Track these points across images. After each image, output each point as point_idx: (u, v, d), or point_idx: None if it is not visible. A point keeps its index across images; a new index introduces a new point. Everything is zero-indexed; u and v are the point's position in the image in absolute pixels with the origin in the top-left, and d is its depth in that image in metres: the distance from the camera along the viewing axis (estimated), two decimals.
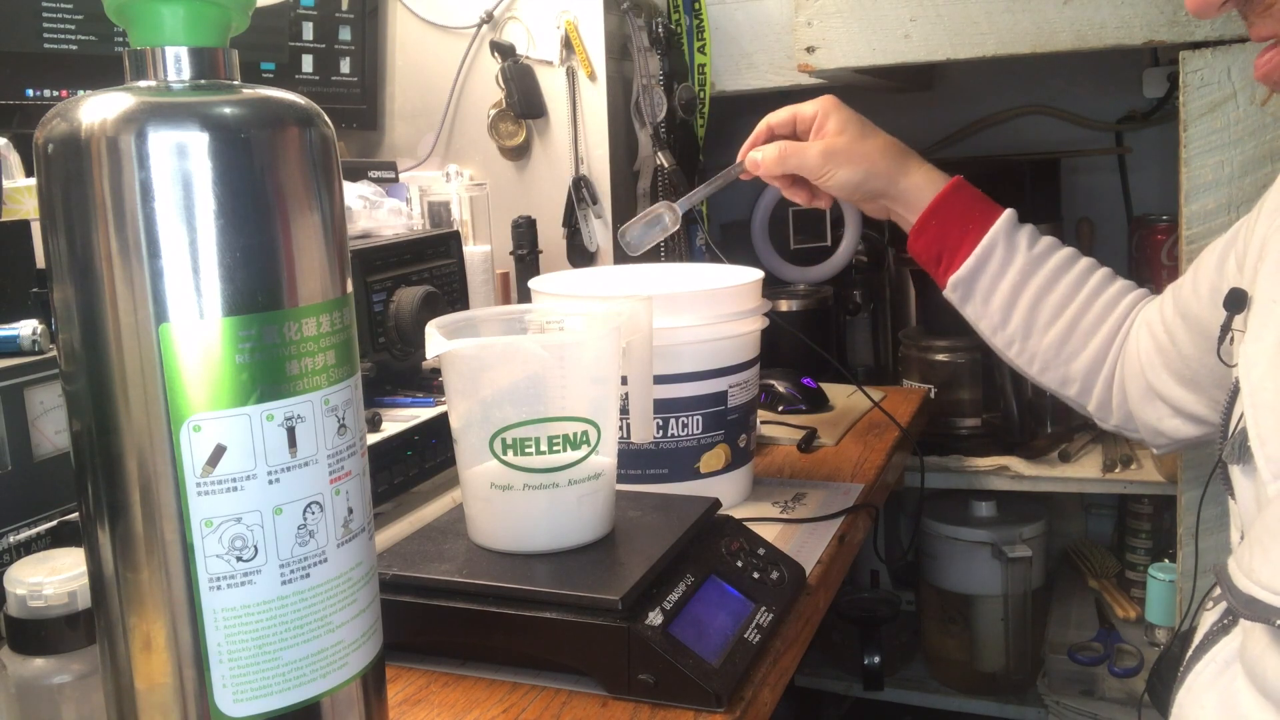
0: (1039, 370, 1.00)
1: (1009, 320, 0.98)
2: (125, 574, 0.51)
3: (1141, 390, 0.95)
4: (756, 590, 0.81)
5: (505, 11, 1.46)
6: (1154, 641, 1.63)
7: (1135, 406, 0.96)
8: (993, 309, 0.98)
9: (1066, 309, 0.97)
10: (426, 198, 1.44)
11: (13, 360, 0.77)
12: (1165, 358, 0.92)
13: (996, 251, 0.97)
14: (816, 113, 0.99)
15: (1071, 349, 0.98)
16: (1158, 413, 0.94)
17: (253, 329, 0.50)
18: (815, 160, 0.98)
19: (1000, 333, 0.99)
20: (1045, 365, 0.99)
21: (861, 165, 0.97)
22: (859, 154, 0.97)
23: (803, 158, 0.98)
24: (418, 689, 0.74)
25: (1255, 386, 0.65)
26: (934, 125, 1.99)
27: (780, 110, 1.01)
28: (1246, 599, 0.56)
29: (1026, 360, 1.00)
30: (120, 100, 0.48)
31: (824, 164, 0.97)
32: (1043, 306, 0.97)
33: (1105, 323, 0.97)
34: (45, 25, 1.10)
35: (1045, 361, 0.99)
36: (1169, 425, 0.93)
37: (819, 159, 0.97)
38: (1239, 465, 0.66)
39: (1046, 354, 0.98)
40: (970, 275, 0.98)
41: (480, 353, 0.79)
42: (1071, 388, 1.00)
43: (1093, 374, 0.98)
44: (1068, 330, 0.97)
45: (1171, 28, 1.23)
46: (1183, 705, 0.64)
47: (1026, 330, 0.98)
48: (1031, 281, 0.97)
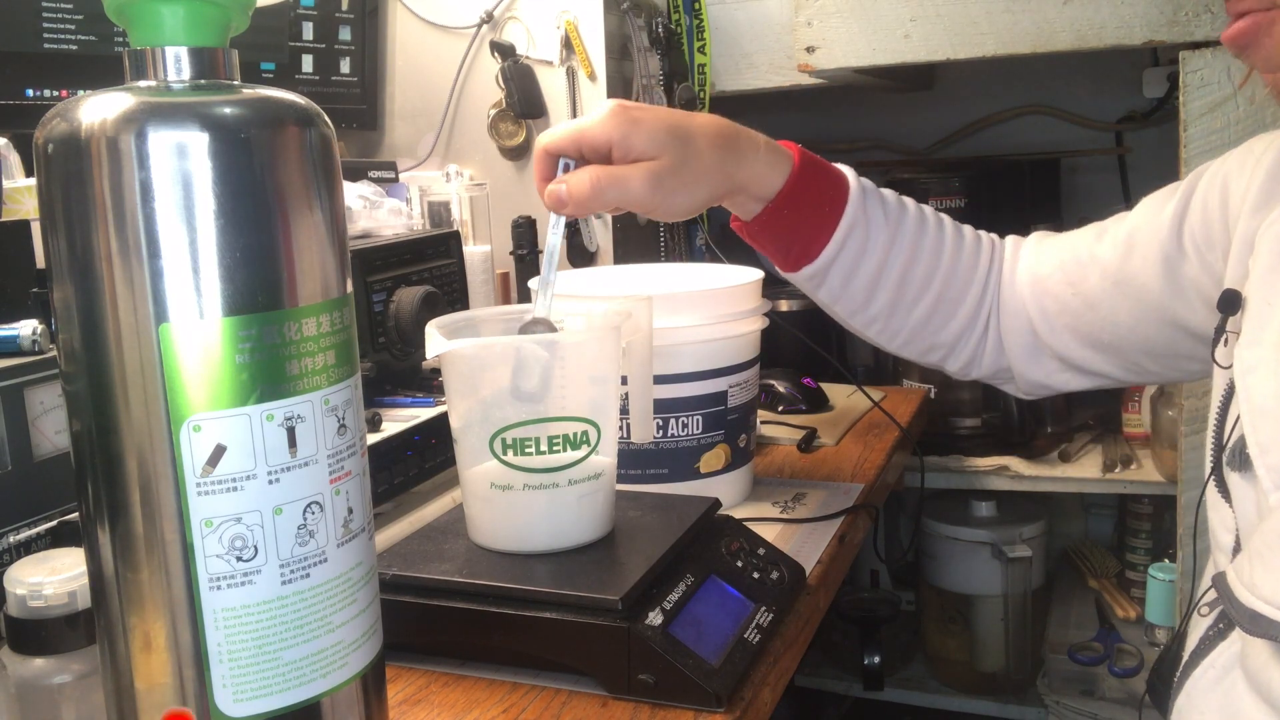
0: (901, 343, 0.92)
1: (872, 301, 0.88)
2: (125, 574, 0.51)
3: (1027, 348, 0.90)
4: (756, 590, 0.81)
5: (505, 11, 1.46)
6: (1154, 641, 1.63)
7: (1017, 361, 0.91)
8: (852, 291, 0.87)
9: (932, 282, 0.89)
10: (426, 198, 1.44)
11: (13, 360, 0.77)
12: (1074, 320, 0.87)
13: (855, 234, 0.85)
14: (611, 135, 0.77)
15: (940, 319, 0.90)
16: (1045, 369, 0.90)
17: (253, 329, 0.50)
18: (642, 191, 0.77)
19: (860, 314, 0.89)
20: (910, 338, 0.91)
21: (699, 183, 0.79)
22: (691, 171, 0.78)
23: (625, 189, 0.77)
24: (418, 689, 0.74)
25: (1253, 392, 0.63)
26: (934, 125, 1.99)
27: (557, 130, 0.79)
28: (1250, 614, 0.55)
29: (889, 336, 0.91)
30: (120, 100, 0.48)
31: (653, 193, 0.77)
32: (908, 282, 0.88)
33: (972, 284, 0.90)
34: (45, 25, 1.10)
35: (911, 334, 0.91)
36: (1058, 379, 0.90)
37: (646, 190, 0.77)
38: (1238, 472, 0.65)
39: (914, 328, 0.90)
40: (827, 264, 0.85)
41: (480, 353, 0.79)
42: (935, 353, 0.93)
43: (960, 338, 0.92)
44: (935, 302, 0.89)
45: (1171, 28, 1.23)
46: (1182, 711, 0.64)
47: (891, 309, 0.89)
48: (895, 258, 0.86)
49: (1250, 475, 0.62)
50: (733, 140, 0.81)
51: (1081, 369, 0.89)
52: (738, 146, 0.81)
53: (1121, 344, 0.86)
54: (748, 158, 0.82)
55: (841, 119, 2.01)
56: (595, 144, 0.77)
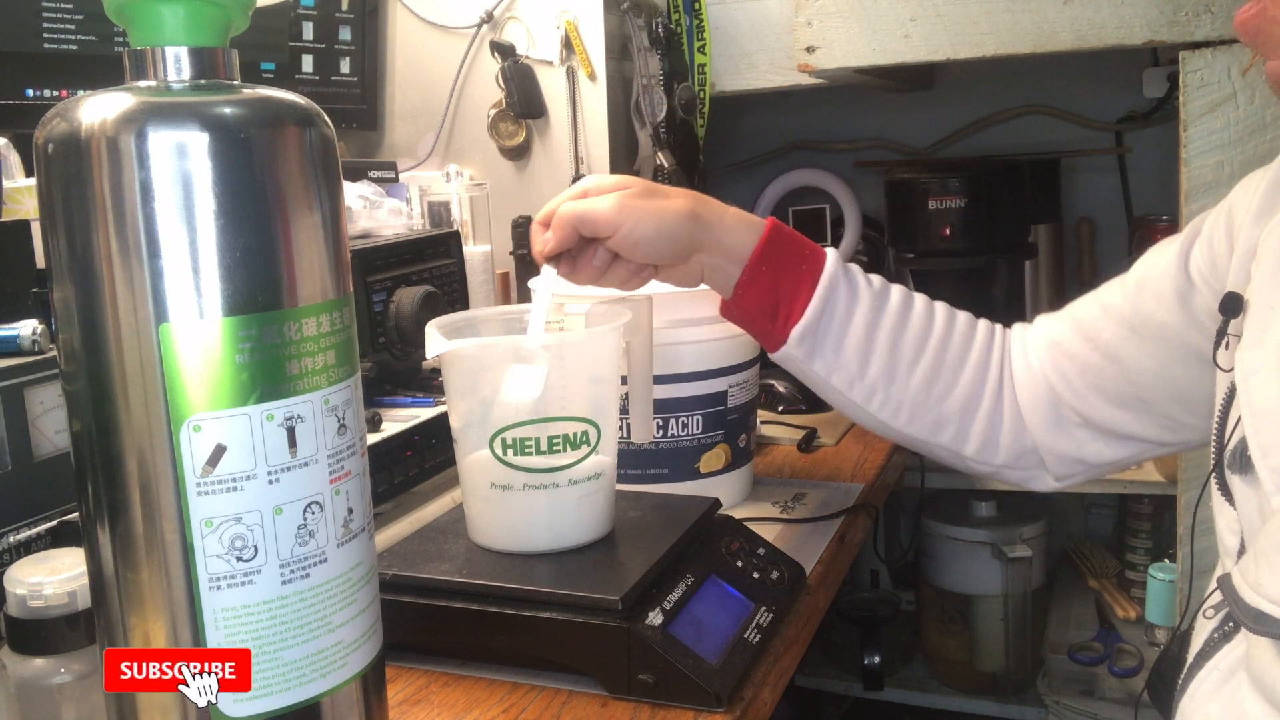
0: (906, 420, 0.88)
1: (867, 366, 0.86)
2: (125, 574, 0.51)
3: (1051, 419, 0.87)
4: (756, 590, 0.81)
5: (505, 11, 1.46)
6: (1154, 641, 1.63)
7: (1042, 439, 0.88)
8: (847, 357, 0.85)
9: (927, 343, 0.87)
10: (426, 198, 1.44)
11: (13, 360, 0.77)
12: (1098, 379, 0.85)
13: (840, 290, 0.85)
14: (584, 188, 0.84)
15: (942, 387, 0.87)
16: (1075, 440, 0.87)
17: (253, 329, 0.50)
18: (609, 211, 0.81)
19: (858, 384, 0.86)
20: (914, 412, 0.87)
21: (666, 213, 0.83)
22: (658, 204, 0.83)
23: (594, 213, 0.82)
24: (418, 689, 0.74)
25: (1255, 394, 0.63)
26: (934, 125, 1.99)
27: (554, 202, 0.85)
28: (1255, 613, 0.55)
29: (892, 410, 0.87)
30: (120, 100, 0.48)
31: (619, 214, 0.81)
32: (902, 345, 0.86)
33: (970, 354, 0.88)
34: (45, 25, 1.10)
35: (914, 407, 0.87)
36: (1091, 450, 0.87)
37: (613, 210, 0.81)
38: (1240, 475, 0.65)
39: (915, 398, 0.87)
40: (816, 320, 0.84)
41: (480, 353, 0.79)
42: (945, 432, 0.88)
43: (969, 411, 0.88)
44: (934, 367, 0.87)
45: (1171, 28, 1.23)
46: (1186, 713, 0.64)
47: (889, 374, 0.86)
48: (883, 320, 0.86)
49: (1252, 478, 0.62)
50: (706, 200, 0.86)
51: (1114, 433, 0.85)
52: (710, 204, 0.86)
53: (1150, 395, 0.83)
54: (723, 215, 0.86)
55: (841, 119, 2.01)
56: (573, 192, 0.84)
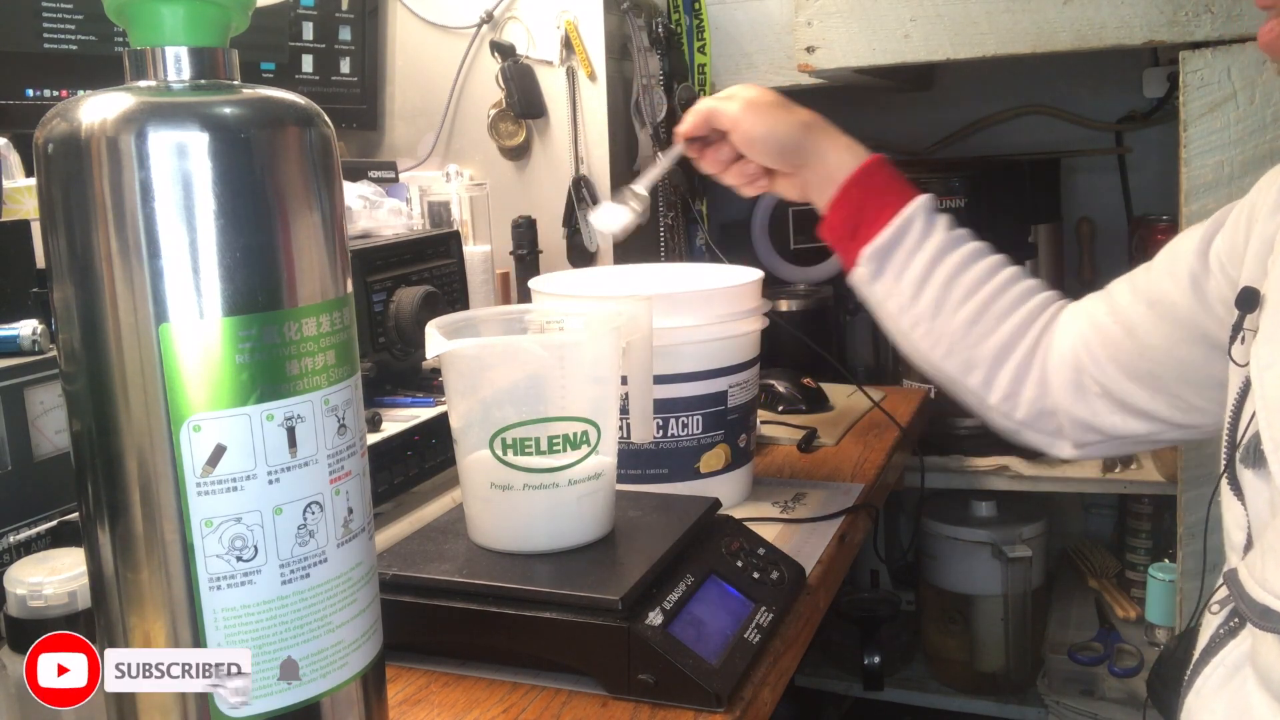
0: (943, 354, 0.95)
1: (920, 297, 0.94)
2: (125, 574, 0.51)
3: (1072, 385, 0.91)
4: (756, 590, 0.81)
5: (505, 11, 1.46)
6: (1154, 641, 1.63)
7: (1061, 402, 0.92)
8: (905, 284, 0.94)
9: (981, 289, 0.93)
10: (426, 198, 1.44)
11: (13, 360, 0.77)
12: (1115, 350, 0.88)
13: (915, 224, 0.94)
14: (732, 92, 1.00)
15: (982, 330, 0.93)
16: (1093, 409, 0.90)
17: (253, 329, 0.50)
18: (735, 110, 0.97)
19: (908, 311, 0.95)
20: (951, 348, 0.94)
21: (783, 121, 0.97)
22: (780, 113, 0.98)
23: (723, 107, 0.98)
24: (418, 689, 0.74)
25: (1269, 389, 0.63)
26: (934, 125, 1.99)
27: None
28: (1261, 609, 0.55)
29: (931, 342, 0.95)
30: (120, 100, 0.48)
31: (742, 114, 0.97)
32: (956, 285, 0.93)
33: (1018, 311, 0.93)
34: (45, 25, 1.10)
35: (952, 343, 0.94)
36: (1107, 422, 0.90)
37: (739, 109, 0.97)
38: (1251, 469, 0.65)
39: (955, 334, 0.94)
40: (887, 245, 0.94)
41: (480, 353, 0.79)
42: (975, 374, 0.94)
43: (1000, 360, 0.94)
44: (980, 311, 0.93)
45: (1171, 28, 1.23)
46: (1192, 710, 0.64)
47: (937, 308, 0.94)
48: (947, 259, 0.93)
49: (1264, 471, 0.62)
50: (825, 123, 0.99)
51: (1129, 407, 0.88)
52: (827, 127, 0.99)
53: (1161, 372, 0.85)
54: (834, 136, 0.98)
55: (841, 119, 1.99)
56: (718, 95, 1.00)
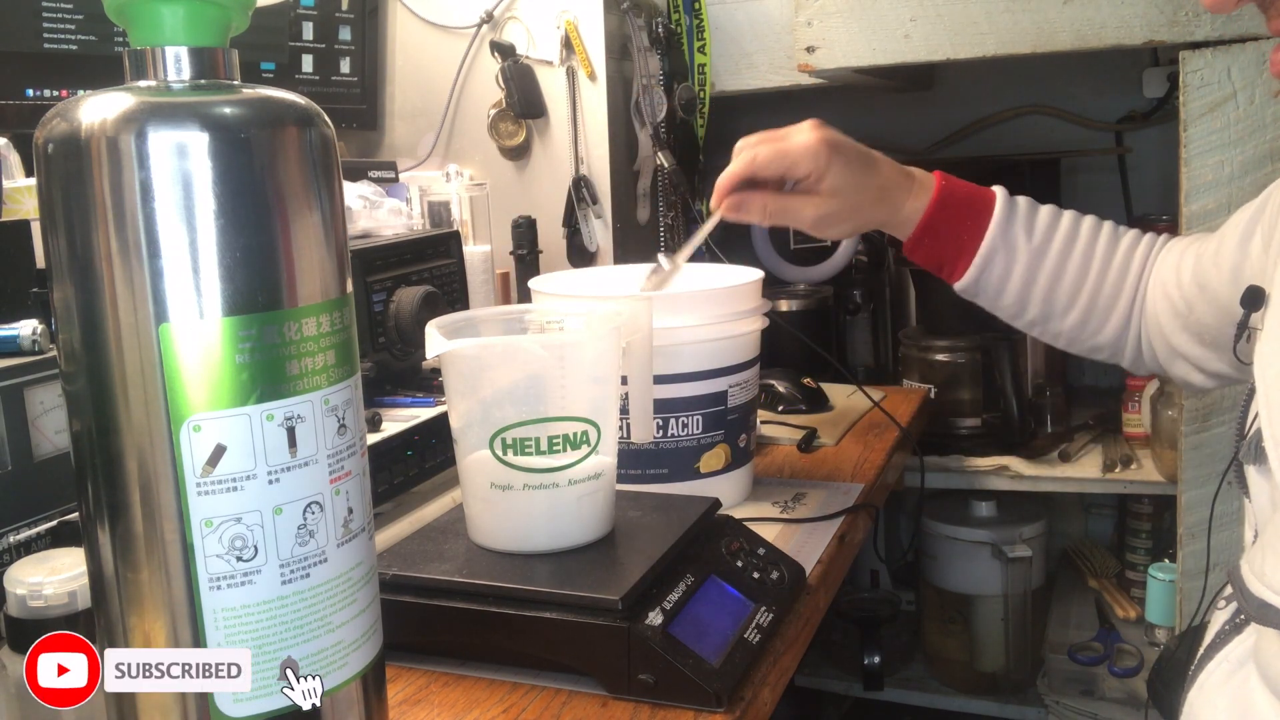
0: (1066, 344, 1.01)
1: (1025, 309, 0.98)
2: (125, 574, 0.51)
3: (1165, 350, 0.96)
4: (756, 590, 0.81)
5: (505, 11, 1.46)
6: (1154, 641, 1.63)
7: (1164, 361, 0.97)
8: (1006, 303, 0.98)
9: (1082, 289, 0.97)
10: (426, 198, 1.44)
11: (13, 360, 0.77)
12: (1184, 321, 0.92)
13: (996, 257, 0.96)
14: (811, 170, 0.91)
15: (1095, 324, 0.98)
16: (1183, 369, 0.95)
17: (253, 329, 0.50)
18: (809, 224, 0.94)
19: (1019, 319, 1.00)
20: (1071, 340, 1.00)
21: (855, 225, 0.96)
22: (853, 218, 0.95)
23: (797, 220, 0.94)
24: (418, 689, 0.74)
25: (1271, 386, 0.64)
26: (934, 125, 1.99)
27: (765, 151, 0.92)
28: (1260, 603, 0.55)
29: (1051, 337, 1.01)
30: (120, 100, 0.48)
31: (818, 228, 0.95)
32: (1057, 292, 0.97)
33: (1124, 289, 0.97)
34: (45, 25, 1.10)
35: (1071, 338, 1.00)
36: (1196, 379, 0.94)
37: (813, 224, 0.94)
38: (1255, 465, 0.65)
39: (1071, 333, 0.99)
40: (975, 281, 0.97)
41: (480, 353, 0.79)
42: (1101, 353, 1.01)
43: (1120, 339, 0.98)
44: (1088, 309, 0.97)
45: (1171, 28, 1.23)
46: (1194, 705, 0.64)
47: (1045, 316, 0.98)
48: (1039, 274, 0.96)
49: (1265, 468, 0.62)
50: (894, 190, 0.96)
51: (1205, 369, 0.92)
52: (896, 197, 0.96)
53: (1219, 343, 0.89)
54: (900, 205, 0.96)
55: (841, 119, 1.99)
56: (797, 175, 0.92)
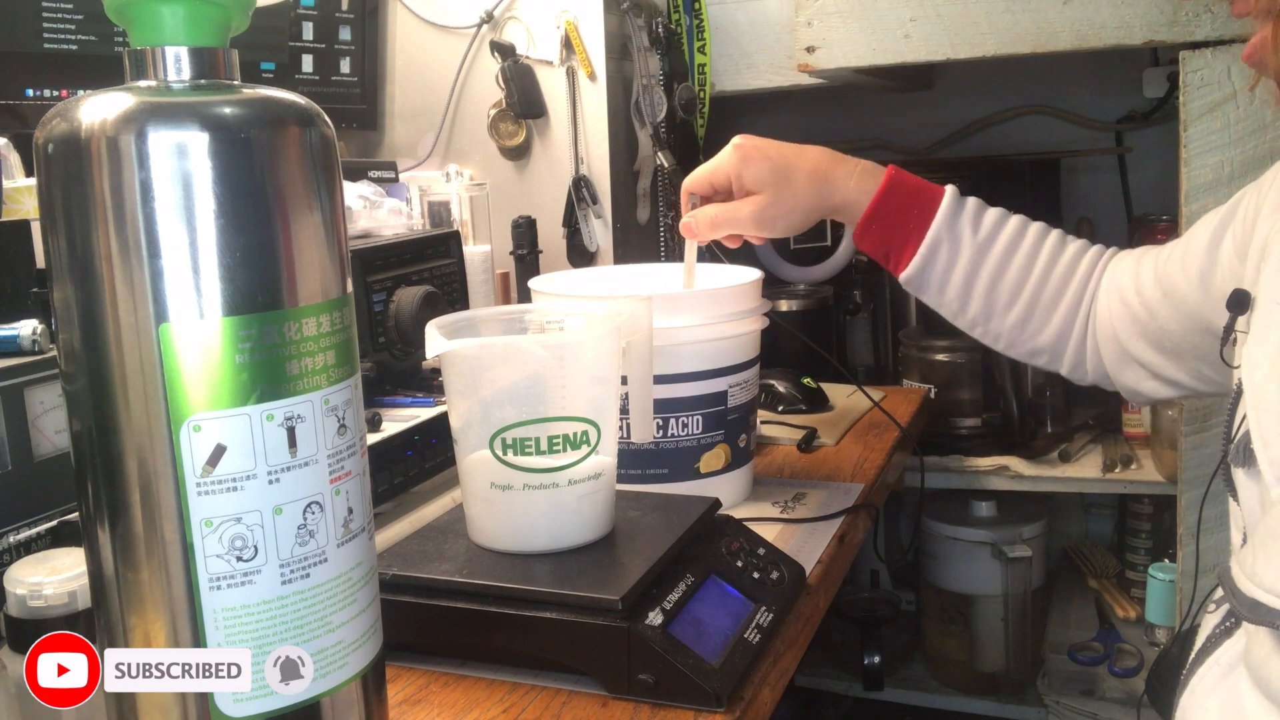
0: (1005, 346, 1.01)
1: (967, 306, 0.98)
2: (125, 574, 0.51)
3: (1116, 354, 0.95)
4: (756, 590, 0.81)
5: (505, 11, 1.46)
6: (1154, 641, 1.63)
7: (1111, 368, 0.97)
8: (949, 298, 0.98)
9: (1024, 288, 0.97)
10: (426, 198, 1.44)
11: (13, 360, 0.77)
12: (1141, 326, 0.92)
13: (941, 248, 0.96)
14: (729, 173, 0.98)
15: (1035, 325, 0.98)
16: (1135, 375, 0.94)
17: (253, 329, 0.50)
18: (749, 224, 0.98)
19: (961, 317, 1.00)
20: (1011, 342, 1.00)
21: (795, 212, 0.97)
22: (787, 204, 0.97)
23: (736, 224, 0.98)
24: (418, 689, 0.74)
25: (1258, 390, 0.64)
26: (934, 125, 1.99)
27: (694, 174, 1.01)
28: (1250, 603, 0.56)
29: (992, 339, 1.01)
30: (120, 100, 0.48)
31: (759, 226, 0.98)
32: (999, 289, 0.97)
33: (1066, 292, 0.97)
34: (45, 25, 1.10)
35: (1011, 339, 0.99)
36: (1147, 387, 0.94)
37: (752, 224, 0.98)
38: (1243, 468, 0.66)
39: (1011, 333, 0.99)
40: (919, 272, 0.97)
41: (480, 353, 0.79)
42: (1040, 358, 1.00)
43: (1060, 343, 0.98)
44: (1028, 309, 0.97)
45: (1171, 28, 1.23)
46: (1186, 709, 0.64)
47: (987, 314, 0.98)
48: (982, 270, 0.97)
49: (1254, 471, 0.63)
50: (829, 171, 0.97)
51: (1160, 376, 0.92)
52: (832, 177, 0.97)
53: (1179, 349, 0.89)
54: (840, 186, 0.97)
55: (841, 119, 2.01)
56: (719, 183, 0.99)
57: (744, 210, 0.97)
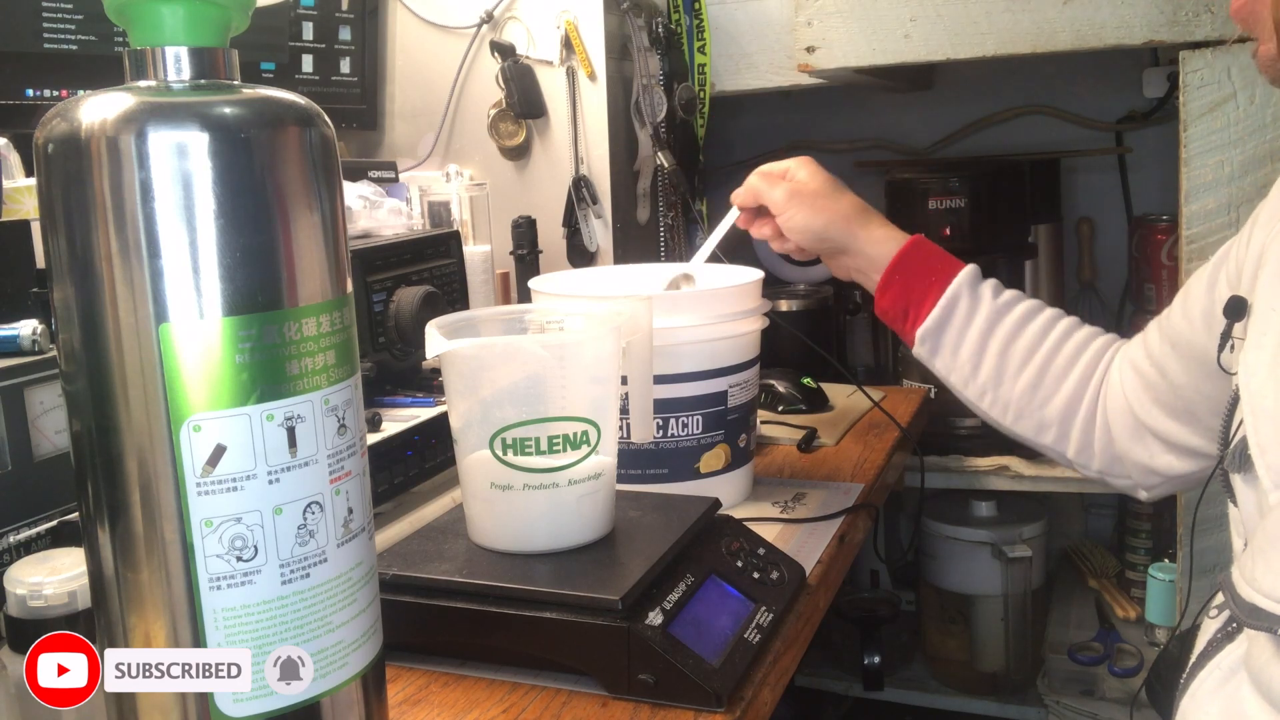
0: (1013, 419, 1.00)
1: (979, 369, 0.99)
2: (125, 574, 0.51)
3: (1130, 429, 0.94)
4: (756, 590, 0.81)
5: (505, 11, 1.46)
6: (1154, 641, 1.63)
7: (1124, 447, 0.96)
8: (962, 359, 1.00)
9: (1036, 353, 0.98)
10: (426, 198, 1.44)
11: (13, 360, 0.77)
12: (1154, 392, 0.91)
13: (961, 302, 0.99)
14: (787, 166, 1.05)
15: (1045, 393, 0.98)
16: (1149, 450, 0.93)
17: (253, 329, 0.50)
18: (780, 198, 1.02)
19: (971, 383, 1.00)
20: (1020, 413, 0.99)
21: (823, 214, 1.02)
22: (822, 204, 1.02)
23: (770, 193, 1.03)
24: (418, 689, 0.74)
25: (1255, 394, 0.64)
26: (934, 125, 1.99)
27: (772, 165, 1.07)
28: (1250, 608, 0.56)
29: (1000, 409, 1.00)
30: (120, 100, 0.48)
31: (787, 203, 1.02)
32: (1012, 352, 0.98)
33: (1077, 366, 0.98)
34: (45, 25, 1.10)
35: (1020, 409, 0.99)
36: (1162, 462, 0.93)
37: (784, 197, 1.02)
38: (1240, 473, 0.66)
39: (1020, 400, 0.99)
40: (937, 325, 0.99)
41: (480, 353, 0.79)
42: (1048, 434, 1.00)
43: (1069, 417, 0.98)
44: (1039, 374, 0.98)
45: (1171, 28, 1.23)
46: (1186, 712, 0.64)
47: (998, 377, 0.99)
48: (998, 329, 0.98)
49: (1252, 476, 0.63)
50: (866, 211, 1.04)
51: (1176, 445, 0.91)
52: (868, 215, 1.03)
53: (1194, 408, 0.88)
54: (873, 226, 1.03)
55: (841, 119, 2.01)
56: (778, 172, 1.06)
57: (781, 186, 1.03)
